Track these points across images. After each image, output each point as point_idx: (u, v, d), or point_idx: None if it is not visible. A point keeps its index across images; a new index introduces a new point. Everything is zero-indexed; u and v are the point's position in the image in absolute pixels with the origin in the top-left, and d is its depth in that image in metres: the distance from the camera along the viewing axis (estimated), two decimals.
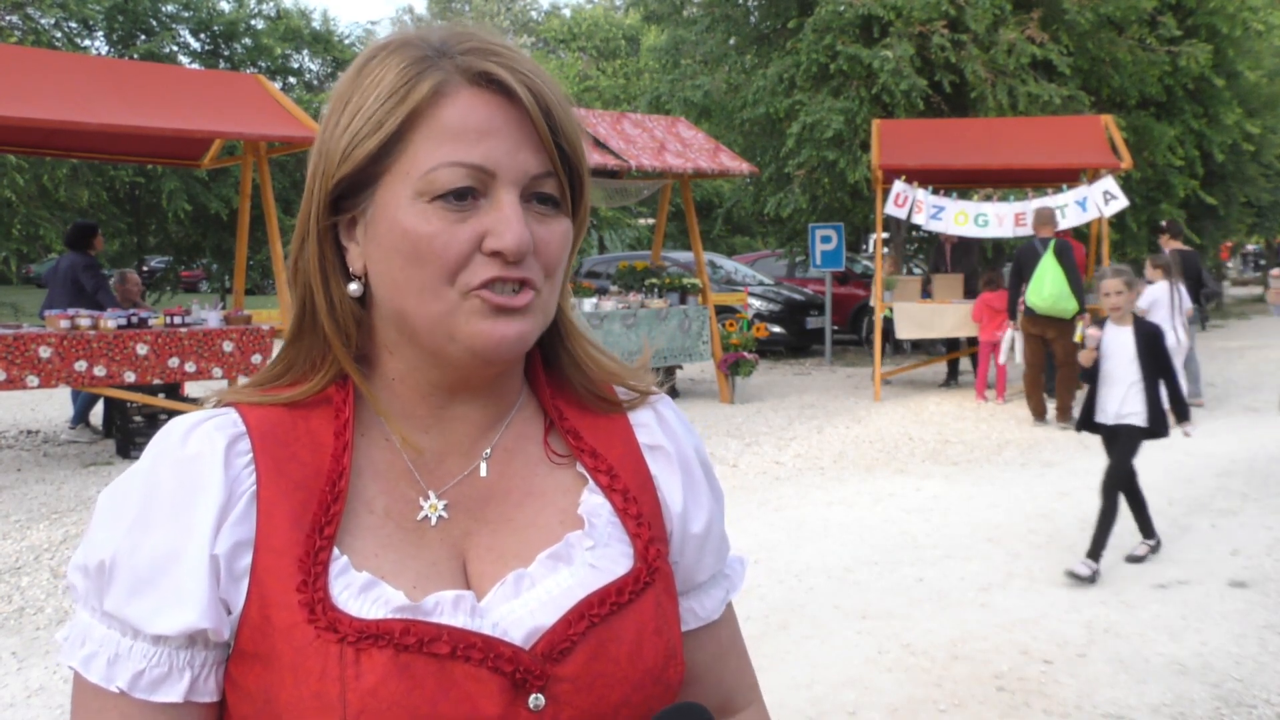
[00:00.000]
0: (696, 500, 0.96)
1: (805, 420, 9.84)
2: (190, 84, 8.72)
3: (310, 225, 0.85)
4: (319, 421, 0.86)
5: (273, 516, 0.80)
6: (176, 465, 0.81)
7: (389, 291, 0.83)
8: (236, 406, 0.86)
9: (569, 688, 0.81)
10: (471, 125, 0.80)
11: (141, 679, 0.79)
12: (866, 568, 5.29)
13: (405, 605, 0.79)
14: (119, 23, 19.05)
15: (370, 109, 0.81)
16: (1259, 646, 4.26)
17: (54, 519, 6.31)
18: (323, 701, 0.76)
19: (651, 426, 0.97)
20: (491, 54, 0.82)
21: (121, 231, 19.20)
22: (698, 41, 16.72)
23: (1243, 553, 5.52)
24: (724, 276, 16.60)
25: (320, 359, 0.88)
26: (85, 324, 7.49)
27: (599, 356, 0.97)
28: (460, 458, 0.89)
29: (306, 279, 0.87)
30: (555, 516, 0.89)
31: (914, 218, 10.64)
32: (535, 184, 0.82)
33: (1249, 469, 7.48)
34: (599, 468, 0.91)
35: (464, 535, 0.87)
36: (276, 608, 0.78)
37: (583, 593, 0.84)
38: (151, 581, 0.79)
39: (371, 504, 0.85)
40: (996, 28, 13.47)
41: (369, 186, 0.82)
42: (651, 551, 0.89)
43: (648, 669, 0.85)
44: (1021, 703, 3.75)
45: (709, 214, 24.70)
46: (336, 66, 22.22)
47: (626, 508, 0.90)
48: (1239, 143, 16.29)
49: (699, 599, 0.98)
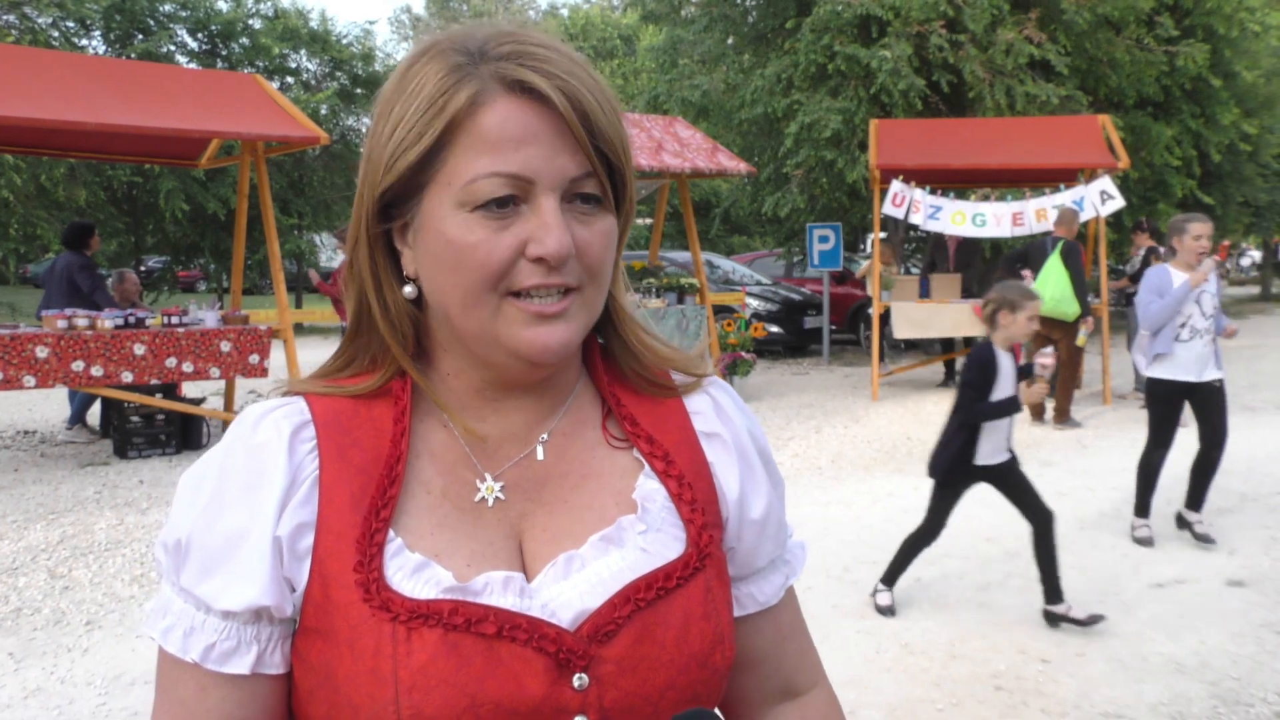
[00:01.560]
0: (754, 486, 0.98)
1: (803, 420, 9.84)
2: (188, 84, 8.71)
3: (361, 231, 0.88)
4: (381, 410, 0.89)
5: (334, 500, 0.84)
6: (246, 451, 0.86)
7: (437, 297, 0.86)
8: (305, 396, 0.90)
9: (613, 669, 0.83)
10: (509, 134, 0.81)
11: (213, 651, 0.84)
12: (865, 567, 5.29)
13: (454, 586, 0.82)
14: (116, 22, 19.00)
15: (411, 119, 0.83)
16: (1256, 645, 4.26)
17: (51, 519, 6.30)
18: (377, 676, 0.79)
19: (707, 414, 0.98)
20: (528, 58, 0.82)
21: (119, 231, 19.16)
22: (695, 41, 16.72)
23: (1240, 552, 5.53)
24: (722, 276, 16.59)
25: (381, 356, 0.91)
26: (82, 324, 7.48)
27: (653, 343, 0.98)
28: (517, 443, 0.91)
29: (361, 282, 0.90)
30: (610, 499, 0.91)
31: (911, 217, 10.64)
32: (575, 185, 0.84)
33: (1247, 468, 7.48)
34: (655, 453, 0.93)
35: (520, 517, 0.89)
36: (336, 586, 0.82)
37: (632, 576, 0.86)
38: (221, 560, 0.84)
39: (429, 485, 0.88)
40: (994, 28, 13.47)
41: (415, 195, 0.85)
42: (704, 537, 0.90)
43: (694, 653, 0.86)
44: (1020, 702, 3.75)
45: (707, 214, 24.69)
46: (334, 66, 22.18)
47: (681, 493, 0.91)
48: (1236, 143, 16.29)
49: (758, 584, 1.00)
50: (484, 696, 0.79)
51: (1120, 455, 8.04)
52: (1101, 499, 6.68)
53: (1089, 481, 7.17)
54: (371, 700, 0.79)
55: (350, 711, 0.80)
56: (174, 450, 8.40)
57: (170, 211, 17.72)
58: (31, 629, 4.54)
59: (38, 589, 5.05)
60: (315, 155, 20.40)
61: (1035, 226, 10.39)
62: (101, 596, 4.94)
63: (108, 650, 4.28)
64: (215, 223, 18.95)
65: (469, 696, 0.79)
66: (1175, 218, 5.86)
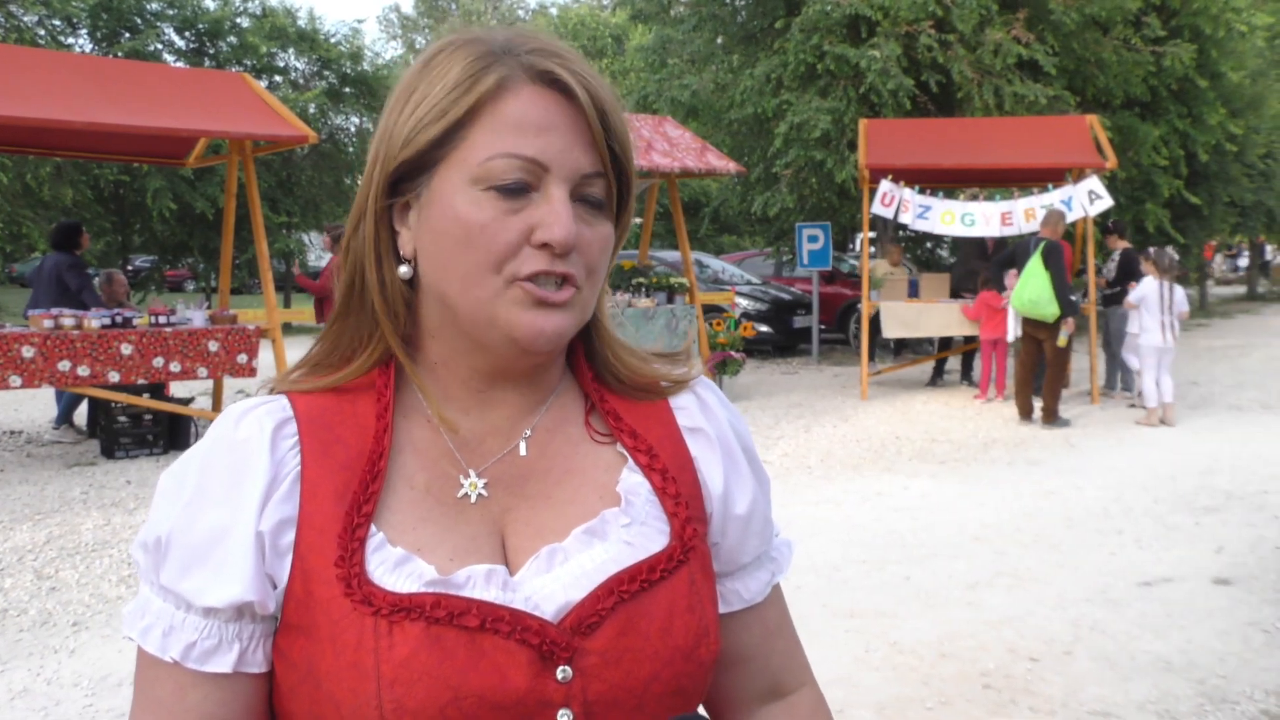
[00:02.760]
0: (738, 482, 0.98)
1: (792, 419, 9.85)
2: (175, 82, 8.67)
3: (368, 205, 0.88)
4: (364, 405, 0.89)
5: (316, 495, 0.84)
6: (228, 448, 0.86)
7: (435, 275, 0.86)
8: (288, 394, 0.90)
9: (597, 661, 0.83)
10: (531, 119, 0.83)
11: (193, 650, 0.83)
12: (854, 566, 5.30)
13: (437, 579, 0.82)
14: (103, 20, 18.91)
15: (435, 97, 0.84)
16: (1242, 643, 4.29)
17: (37, 520, 6.26)
18: (359, 671, 0.79)
19: (691, 409, 0.99)
20: (554, 55, 0.85)
21: (106, 230, 19.08)
22: (685, 41, 16.74)
23: (1226, 550, 5.56)
24: (711, 276, 16.60)
25: (367, 338, 0.91)
26: (69, 323, 7.44)
27: (628, 358, 0.98)
28: (500, 438, 0.91)
29: (359, 258, 0.90)
30: (594, 493, 0.91)
31: (901, 217, 10.67)
32: (584, 184, 0.85)
33: (1232, 467, 7.53)
34: (638, 447, 0.93)
35: (503, 512, 0.89)
36: (317, 582, 0.82)
37: (615, 568, 0.86)
38: (202, 557, 0.83)
39: (412, 479, 0.88)
40: (983, 28, 13.52)
41: (426, 171, 0.85)
42: (688, 531, 0.90)
43: (678, 646, 0.86)
44: (1008, 700, 3.77)
45: (696, 213, 24.69)
46: (322, 65, 22.10)
47: (665, 487, 0.92)
48: (1222, 143, 16.39)
49: (743, 580, 0.99)
50: (467, 689, 0.79)
51: (1108, 454, 8.08)
52: (1089, 497, 6.71)
53: (1077, 480, 7.20)
54: (354, 695, 0.79)
55: (332, 707, 0.80)
56: (161, 451, 8.36)
57: (158, 211, 17.64)
58: (18, 630, 4.52)
59: (24, 590, 5.02)
60: (304, 154, 20.34)
61: (1024, 226, 10.43)
62: (88, 597, 4.92)
63: (94, 651, 4.26)
64: (203, 222, 18.86)
65: (452, 689, 0.78)
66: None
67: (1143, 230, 15.67)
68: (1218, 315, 22.83)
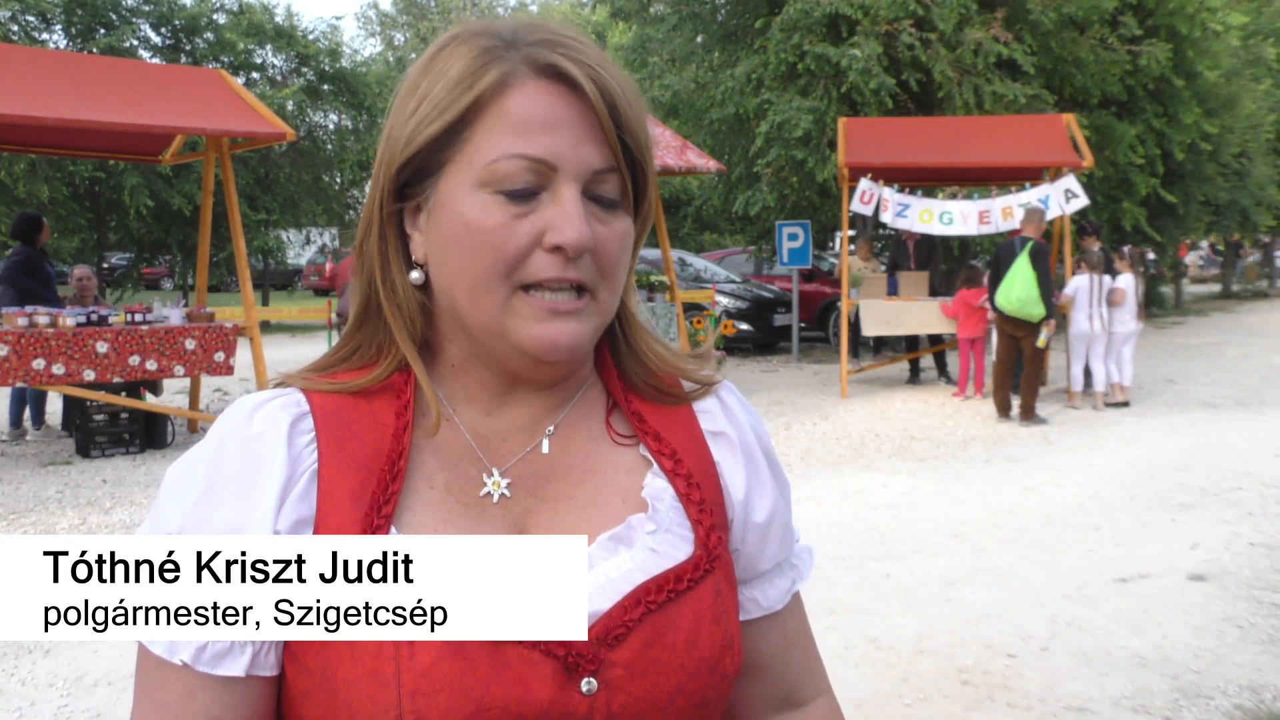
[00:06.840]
0: (760, 488, 0.96)
1: (773, 417, 9.87)
2: (151, 79, 8.61)
3: (375, 211, 0.86)
4: (382, 403, 0.87)
5: (333, 495, 0.81)
6: (241, 443, 0.83)
7: (446, 282, 0.84)
8: (302, 389, 0.87)
9: (622, 673, 0.80)
10: (535, 116, 0.80)
11: (205, 653, 0.79)
12: (834, 563, 5.32)
13: None
14: (78, 16, 18.73)
15: (436, 96, 0.81)
16: (1217, 639, 4.33)
17: (12, 519, 6.20)
18: (378, 679, 0.77)
19: (715, 413, 0.96)
20: (560, 46, 0.82)
21: (82, 228, 18.93)
22: (665, 40, 16.73)
23: (1202, 546, 5.61)
24: (692, 274, 16.62)
25: (386, 345, 0.88)
26: (43, 321, 7.37)
27: (660, 350, 0.96)
28: (523, 435, 0.89)
29: (370, 266, 0.87)
30: (617, 496, 0.89)
31: (880, 215, 10.71)
32: (596, 181, 0.82)
33: (1208, 464, 7.59)
34: (663, 451, 0.91)
35: (525, 513, 0.87)
36: None
37: (641, 577, 0.84)
38: None
39: (432, 480, 0.85)
40: (963, 27, 13.58)
41: (434, 173, 0.83)
42: (713, 539, 0.88)
43: (704, 658, 0.84)
44: (986, 696, 3.79)
45: (677, 211, 24.73)
46: (301, 62, 21.99)
47: (689, 493, 0.89)
48: (1198, 142, 16.52)
49: (762, 588, 0.97)
50: (490, 701, 0.76)
51: (1086, 451, 8.14)
52: (1067, 494, 6.75)
53: (1055, 477, 7.25)
54: (372, 704, 0.76)
55: (348, 715, 0.77)
56: (138, 449, 8.29)
57: (135, 208, 17.51)
58: None
59: None
60: (282, 151, 20.20)
61: (1001, 225, 10.49)
62: None
63: (69, 652, 4.22)
64: (180, 219, 18.73)
65: (474, 701, 0.76)
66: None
67: (1120, 229, 15.78)
68: (1193, 313, 23.03)
